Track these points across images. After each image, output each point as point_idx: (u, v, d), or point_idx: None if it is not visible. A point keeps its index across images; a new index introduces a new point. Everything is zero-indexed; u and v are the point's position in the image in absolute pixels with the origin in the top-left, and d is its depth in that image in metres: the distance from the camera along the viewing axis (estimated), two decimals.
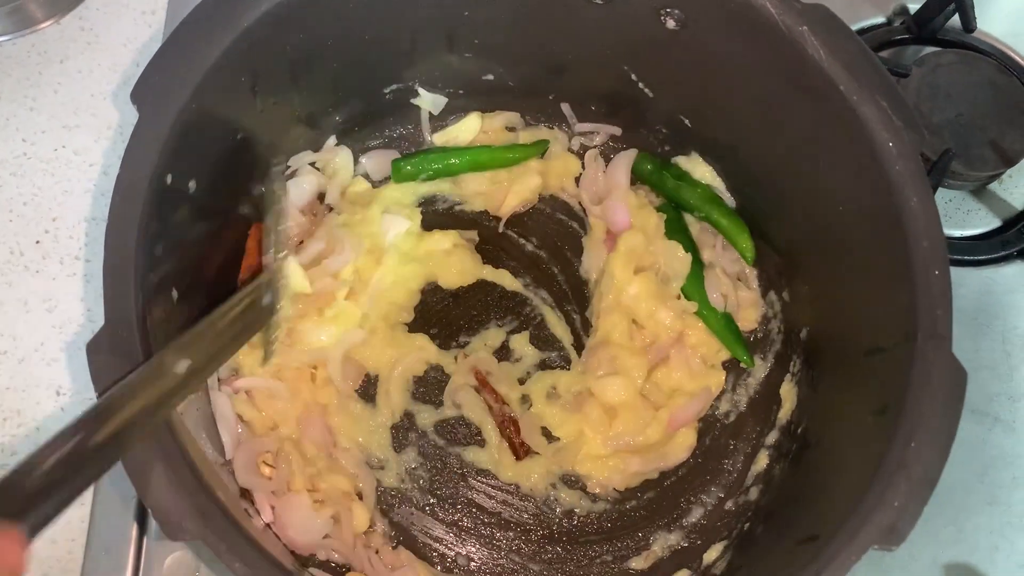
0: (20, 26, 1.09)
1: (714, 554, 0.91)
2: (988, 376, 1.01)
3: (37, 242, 1.00)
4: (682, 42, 0.89)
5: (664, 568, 0.92)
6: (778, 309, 1.01)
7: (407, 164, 1.04)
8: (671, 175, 1.03)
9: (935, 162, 1.00)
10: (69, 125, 1.05)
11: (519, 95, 1.06)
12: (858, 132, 0.79)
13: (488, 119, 1.07)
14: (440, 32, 0.96)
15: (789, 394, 0.96)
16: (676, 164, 1.05)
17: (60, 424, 0.90)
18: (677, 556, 0.93)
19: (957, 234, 1.08)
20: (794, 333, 0.98)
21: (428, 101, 1.05)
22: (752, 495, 0.94)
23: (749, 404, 0.99)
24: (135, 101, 0.76)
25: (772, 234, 1.00)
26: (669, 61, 0.93)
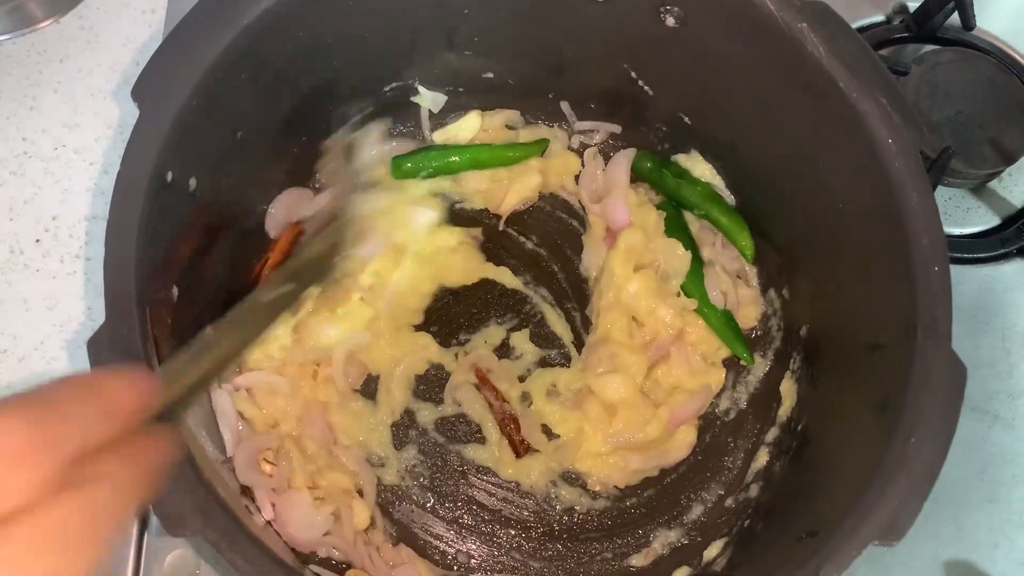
0: (20, 25, 1.09)
1: (714, 551, 0.91)
2: (988, 374, 1.01)
3: (37, 241, 1.00)
4: (682, 40, 0.89)
5: (664, 565, 0.92)
6: (778, 307, 1.01)
7: (407, 161, 1.04)
8: (671, 173, 1.03)
9: (934, 160, 1.00)
10: (69, 124, 1.05)
11: (519, 93, 1.06)
12: (857, 129, 0.79)
13: (488, 117, 1.07)
14: (440, 30, 0.96)
15: (789, 391, 0.96)
16: (676, 162, 1.05)
17: None
18: (677, 553, 0.93)
19: (957, 232, 1.08)
20: (794, 330, 0.98)
21: (428, 99, 1.05)
22: (752, 492, 0.94)
23: (749, 401, 0.99)
24: (136, 98, 0.76)
25: (772, 232, 1.00)
26: (669, 59, 0.93)
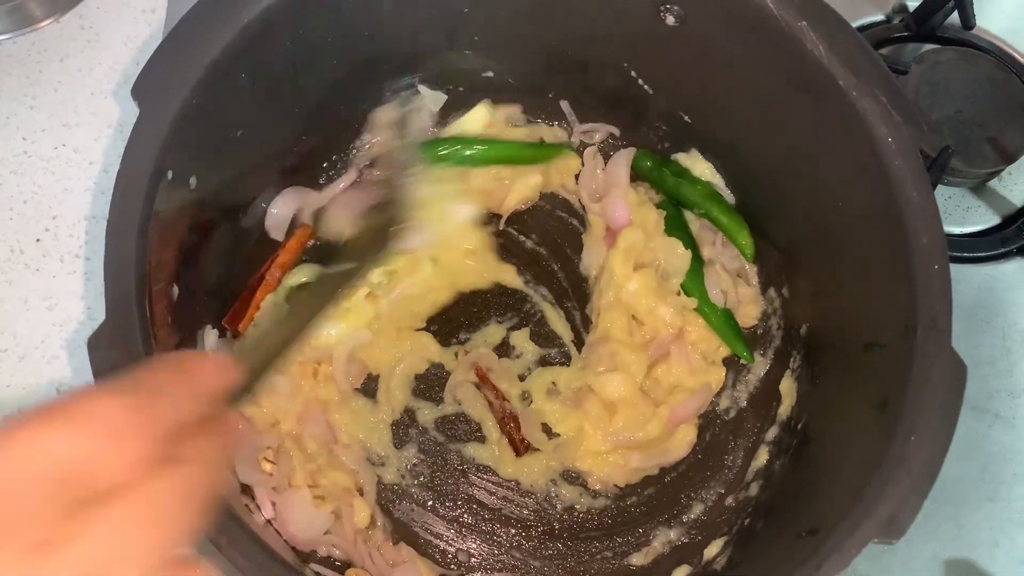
0: (20, 24, 1.09)
1: (715, 550, 0.91)
2: (988, 372, 1.01)
3: (37, 240, 1.00)
4: (682, 38, 0.89)
5: (665, 564, 0.92)
6: (778, 305, 1.01)
7: (442, 147, 1.02)
8: (671, 172, 1.03)
9: (934, 159, 1.00)
10: (69, 123, 1.05)
11: (519, 92, 1.05)
12: (857, 127, 0.79)
13: (497, 110, 1.06)
14: (440, 29, 0.96)
15: (789, 390, 0.96)
16: (676, 161, 1.04)
17: None
18: (677, 552, 0.93)
19: (957, 231, 1.08)
20: (794, 329, 0.98)
21: (429, 98, 1.05)
22: (752, 491, 0.93)
23: (749, 400, 0.99)
24: (136, 97, 0.76)
25: (772, 230, 1.00)
26: (669, 58, 0.93)
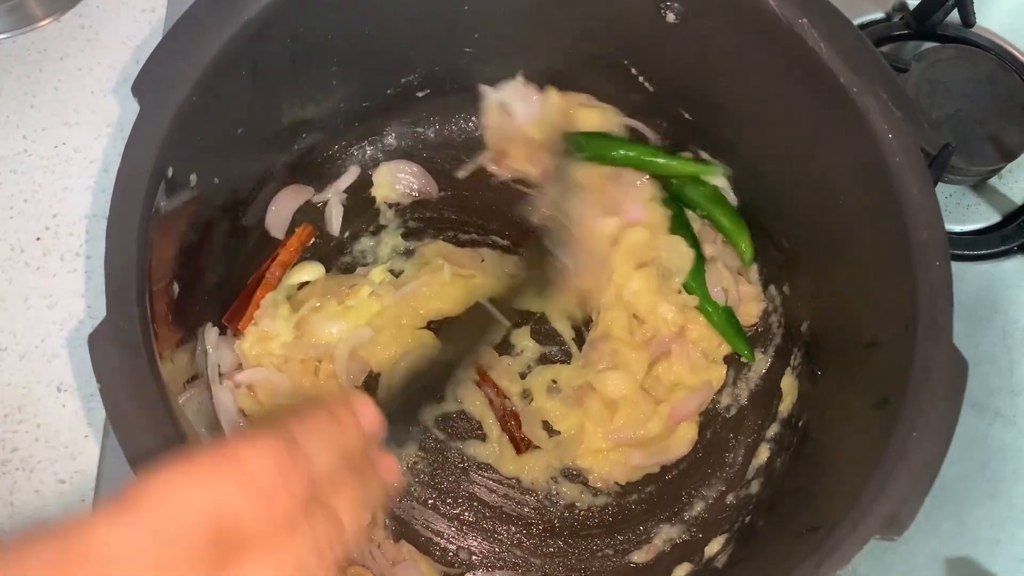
0: (20, 24, 1.09)
1: (716, 547, 0.91)
2: (989, 370, 1.01)
3: (37, 239, 1.00)
4: (682, 35, 0.89)
5: (666, 561, 0.92)
6: (778, 303, 1.00)
7: (594, 141, 1.01)
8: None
9: (935, 157, 1.00)
10: (69, 122, 1.05)
11: None
12: (858, 124, 0.79)
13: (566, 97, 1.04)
14: (439, 27, 0.95)
15: (790, 387, 0.96)
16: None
17: (61, 420, 0.91)
18: (678, 549, 0.93)
19: (957, 229, 1.08)
20: (794, 327, 0.98)
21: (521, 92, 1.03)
22: (753, 488, 0.93)
23: (750, 398, 0.99)
24: (136, 94, 0.76)
25: (772, 228, 1.00)
26: (669, 55, 0.93)
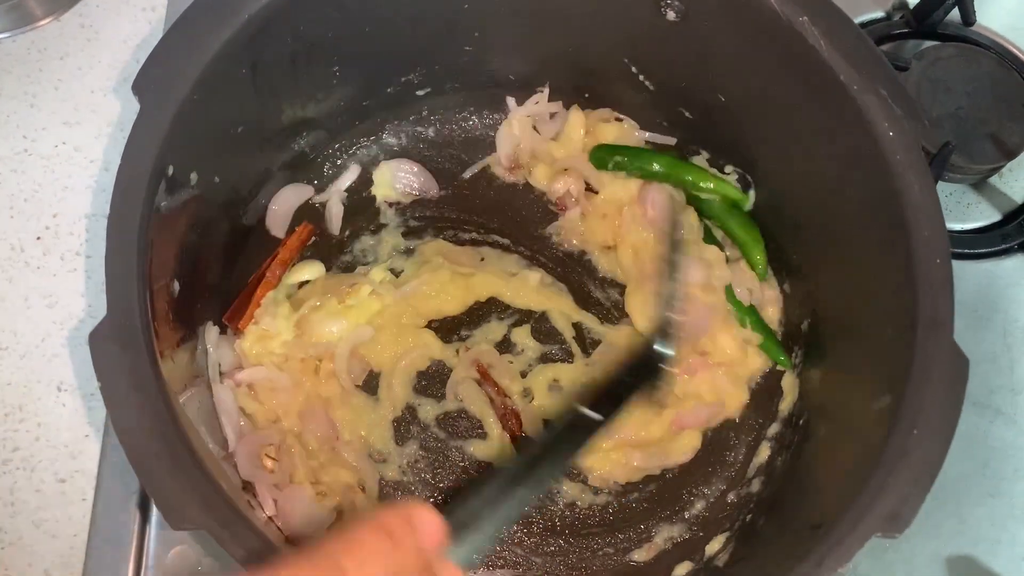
0: (20, 23, 1.09)
1: (716, 545, 0.91)
2: (989, 369, 1.01)
3: (38, 238, 1.00)
4: (682, 34, 0.89)
5: (667, 560, 0.92)
6: (779, 302, 1.00)
7: (618, 155, 1.02)
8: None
9: (935, 155, 1.00)
10: (69, 122, 1.05)
11: (517, 88, 1.05)
12: (858, 122, 0.79)
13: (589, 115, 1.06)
14: (440, 25, 0.95)
15: (791, 386, 0.96)
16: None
17: (61, 419, 0.91)
18: (679, 548, 0.93)
19: (957, 228, 1.08)
20: (795, 325, 0.98)
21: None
22: (754, 487, 0.93)
23: (751, 396, 0.98)
24: (136, 92, 0.76)
25: (772, 226, 1.00)
26: (669, 54, 0.93)
